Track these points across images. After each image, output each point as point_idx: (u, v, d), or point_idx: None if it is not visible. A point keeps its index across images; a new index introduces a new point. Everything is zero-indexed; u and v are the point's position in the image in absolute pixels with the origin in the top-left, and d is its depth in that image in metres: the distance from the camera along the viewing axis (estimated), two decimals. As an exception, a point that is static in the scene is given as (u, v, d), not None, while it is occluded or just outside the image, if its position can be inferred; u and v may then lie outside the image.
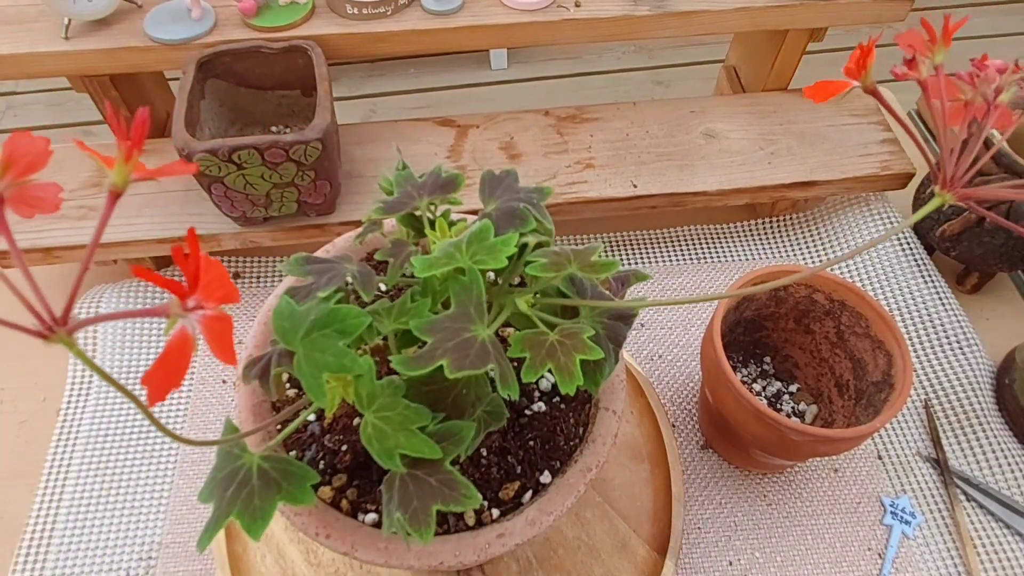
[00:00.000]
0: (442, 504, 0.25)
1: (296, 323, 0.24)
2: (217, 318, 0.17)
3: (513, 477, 0.33)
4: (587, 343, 0.25)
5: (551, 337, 0.26)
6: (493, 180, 0.31)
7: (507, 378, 0.24)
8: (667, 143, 0.63)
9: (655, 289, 0.62)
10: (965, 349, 0.57)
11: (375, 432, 0.25)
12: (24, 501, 0.50)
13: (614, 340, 0.29)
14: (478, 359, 0.24)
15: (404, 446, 0.24)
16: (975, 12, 2.10)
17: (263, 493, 0.24)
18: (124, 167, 0.18)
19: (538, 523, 0.30)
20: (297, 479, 0.25)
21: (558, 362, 0.25)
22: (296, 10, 0.56)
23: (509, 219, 0.28)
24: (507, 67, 1.93)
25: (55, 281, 0.62)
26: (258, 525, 0.23)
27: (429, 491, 0.25)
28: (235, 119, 0.59)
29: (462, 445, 0.26)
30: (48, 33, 0.55)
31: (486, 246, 0.26)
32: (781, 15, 0.59)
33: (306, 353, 0.24)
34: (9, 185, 0.18)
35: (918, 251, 0.62)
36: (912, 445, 0.54)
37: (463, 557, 0.29)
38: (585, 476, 0.32)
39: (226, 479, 0.25)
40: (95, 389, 0.55)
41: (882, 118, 0.66)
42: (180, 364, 0.17)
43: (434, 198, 0.31)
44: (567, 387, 0.24)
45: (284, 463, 0.25)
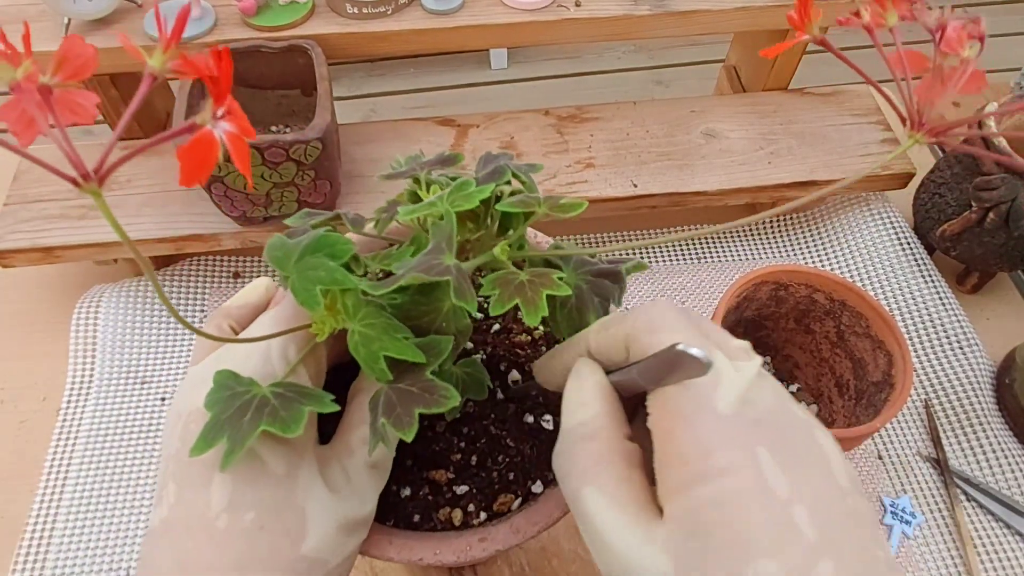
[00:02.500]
0: (424, 407, 0.25)
1: (289, 251, 0.26)
2: (240, 138, 0.19)
3: (508, 489, 0.33)
4: (555, 281, 0.26)
5: (521, 276, 0.26)
6: (489, 158, 0.33)
7: (463, 292, 0.25)
8: (667, 143, 0.63)
9: (655, 289, 0.62)
10: (965, 349, 0.57)
11: (361, 338, 0.26)
12: (24, 501, 0.50)
13: (599, 294, 0.30)
14: (439, 273, 0.25)
15: (389, 348, 0.26)
16: (975, 12, 2.10)
17: (285, 406, 0.25)
18: (163, 55, 0.19)
19: (522, 532, 0.30)
20: (315, 398, 0.26)
21: (525, 296, 0.25)
22: (296, 10, 0.56)
23: (490, 177, 0.30)
24: (507, 67, 1.93)
25: (55, 281, 0.62)
26: (291, 428, 0.25)
27: (411, 397, 0.26)
28: (235, 119, 0.59)
29: (441, 356, 0.27)
30: (48, 33, 0.55)
31: (464, 194, 0.28)
32: (781, 15, 0.59)
33: (299, 274, 0.26)
34: (58, 84, 0.19)
35: (918, 251, 0.62)
36: (912, 445, 0.54)
37: (443, 556, 0.30)
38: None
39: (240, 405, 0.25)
40: (95, 389, 0.54)
41: (882, 118, 0.66)
42: (207, 158, 0.18)
43: (434, 170, 0.33)
44: (531, 318, 0.25)
45: (296, 387, 0.26)
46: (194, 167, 0.18)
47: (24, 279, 0.62)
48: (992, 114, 0.29)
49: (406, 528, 0.32)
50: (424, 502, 0.32)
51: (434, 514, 0.32)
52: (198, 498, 0.25)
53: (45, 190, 0.57)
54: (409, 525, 0.32)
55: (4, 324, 0.60)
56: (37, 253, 0.55)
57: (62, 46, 0.19)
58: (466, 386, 0.30)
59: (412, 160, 0.34)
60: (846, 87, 0.68)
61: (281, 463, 0.26)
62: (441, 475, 0.33)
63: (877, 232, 0.63)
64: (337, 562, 0.27)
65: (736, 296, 0.47)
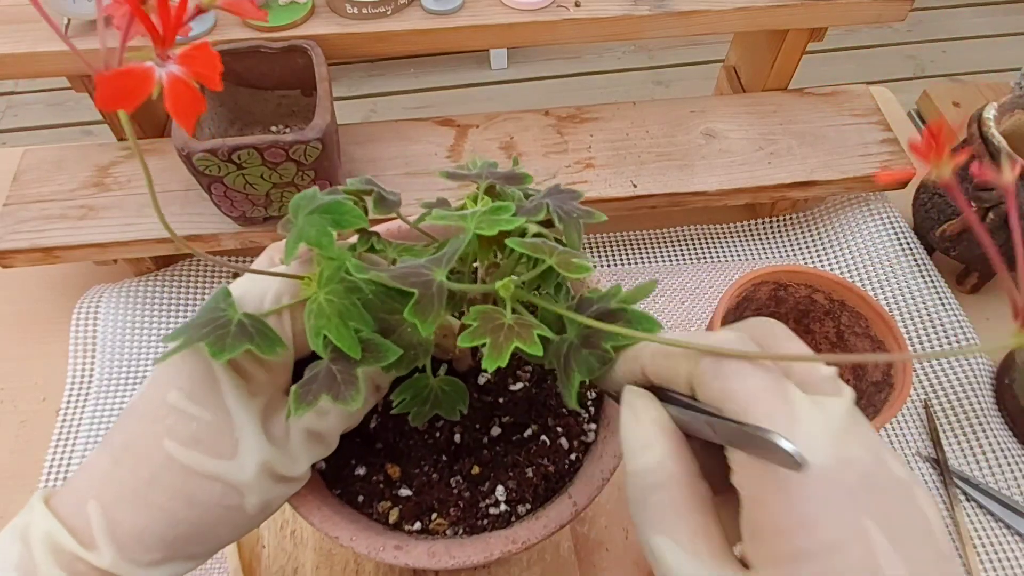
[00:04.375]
0: (330, 396, 0.26)
1: (309, 203, 0.28)
2: (186, 84, 0.19)
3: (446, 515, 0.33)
4: (532, 336, 0.25)
5: (505, 319, 0.26)
6: (553, 191, 0.32)
7: (425, 311, 0.25)
8: (667, 143, 0.63)
9: (655, 289, 0.62)
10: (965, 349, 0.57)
11: (316, 309, 0.27)
12: (24, 501, 0.50)
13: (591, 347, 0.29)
14: (414, 284, 0.25)
15: (331, 330, 0.26)
16: (975, 12, 2.10)
17: (236, 337, 0.26)
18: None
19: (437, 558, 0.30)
20: (268, 339, 0.27)
21: (496, 339, 0.25)
22: (296, 10, 0.56)
23: (530, 211, 0.29)
24: (507, 67, 1.93)
25: (55, 281, 0.62)
26: (223, 354, 0.26)
27: (330, 382, 0.26)
28: (235, 119, 0.59)
29: (381, 361, 0.27)
30: (48, 33, 0.55)
31: (491, 219, 0.27)
32: (781, 15, 0.59)
33: (300, 225, 0.27)
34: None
35: (918, 251, 0.62)
36: (912, 445, 0.54)
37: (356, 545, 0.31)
38: (506, 545, 0.31)
39: (204, 323, 0.27)
40: (95, 389, 0.54)
41: (882, 118, 0.65)
42: (136, 90, 0.18)
43: (497, 183, 0.33)
44: (488, 363, 0.25)
45: (262, 324, 0.27)
46: (116, 94, 0.18)
47: (24, 279, 0.62)
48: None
49: (349, 505, 0.32)
50: (374, 488, 0.33)
51: (376, 503, 0.32)
52: (155, 395, 0.28)
53: (45, 190, 0.57)
54: (352, 503, 0.32)
55: (4, 324, 0.60)
56: (37, 253, 0.55)
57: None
58: (437, 400, 0.30)
59: (487, 166, 0.34)
60: (846, 87, 0.68)
61: (232, 395, 0.28)
62: (395, 471, 0.33)
63: (877, 232, 0.63)
64: (255, 501, 0.28)
65: (736, 296, 0.47)
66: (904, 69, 1.94)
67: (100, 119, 0.63)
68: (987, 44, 2.01)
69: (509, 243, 0.27)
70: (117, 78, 0.18)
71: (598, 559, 0.46)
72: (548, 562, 0.44)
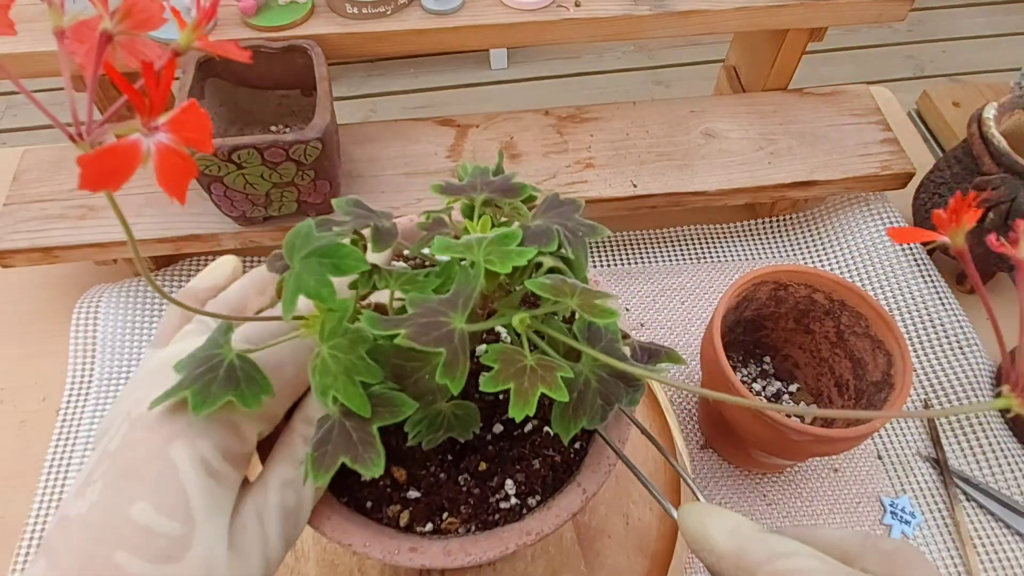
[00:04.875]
0: (350, 459, 0.25)
1: (304, 244, 0.26)
2: (176, 152, 0.18)
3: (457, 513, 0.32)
4: (557, 380, 0.25)
5: (527, 361, 0.25)
6: (554, 202, 0.31)
7: (453, 369, 0.24)
8: (667, 143, 0.63)
9: (654, 288, 0.62)
10: (965, 349, 0.57)
11: (321, 365, 0.26)
12: (24, 501, 0.50)
13: (605, 398, 0.28)
14: (436, 340, 0.24)
15: (339, 390, 0.25)
16: (975, 12, 2.10)
17: (223, 384, 0.26)
18: (190, 34, 0.20)
19: (453, 556, 0.30)
20: (255, 385, 0.26)
21: (520, 384, 0.24)
22: (296, 10, 0.56)
23: (538, 236, 0.28)
24: (507, 67, 1.93)
25: (55, 281, 0.62)
26: (205, 407, 0.25)
27: (346, 443, 0.26)
28: (235, 119, 0.59)
29: (396, 417, 0.26)
30: (48, 33, 0.54)
31: (502, 250, 0.26)
32: (781, 15, 0.59)
33: (296, 272, 0.25)
34: (123, 32, 0.20)
35: (918, 251, 0.62)
36: (912, 445, 0.54)
37: (370, 550, 0.30)
38: (520, 538, 0.30)
39: (202, 360, 0.26)
40: (95, 389, 0.55)
41: (882, 118, 0.66)
42: (121, 168, 0.17)
43: (494, 196, 0.31)
44: (516, 412, 0.24)
45: (253, 368, 0.26)
46: (101, 174, 0.17)
47: (24, 279, 0.62)
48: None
49: (358, 511, 0.32)
50: (381, 492, 0.32)
51: (385, 507, 0.32)
52: (118, 510, 0.25)
53: (45, 190, 0.57)
54: (360, 508, 0.32)
55: (4, 324, 0.60)
56: (37, 253, 0.55)
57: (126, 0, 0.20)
58: (450, 425, 0.30)
59: (479, 173, 0.32)
60: (846, 87, 0.68)
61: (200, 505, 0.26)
62: (401, 473, 0.33)
63: (877, 232, 0.63)
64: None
65: (736, 296, 0.47)
66: (904, 69, 1.94)
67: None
68: (987, 44, 2.01)
69: (530, 285, 0.26)
70: (101, 158, 0.17)
71: (600, 547, 0.46)
72: (552, 554, 0.44)
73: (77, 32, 0.20)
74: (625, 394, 0.29)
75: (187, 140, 0.18)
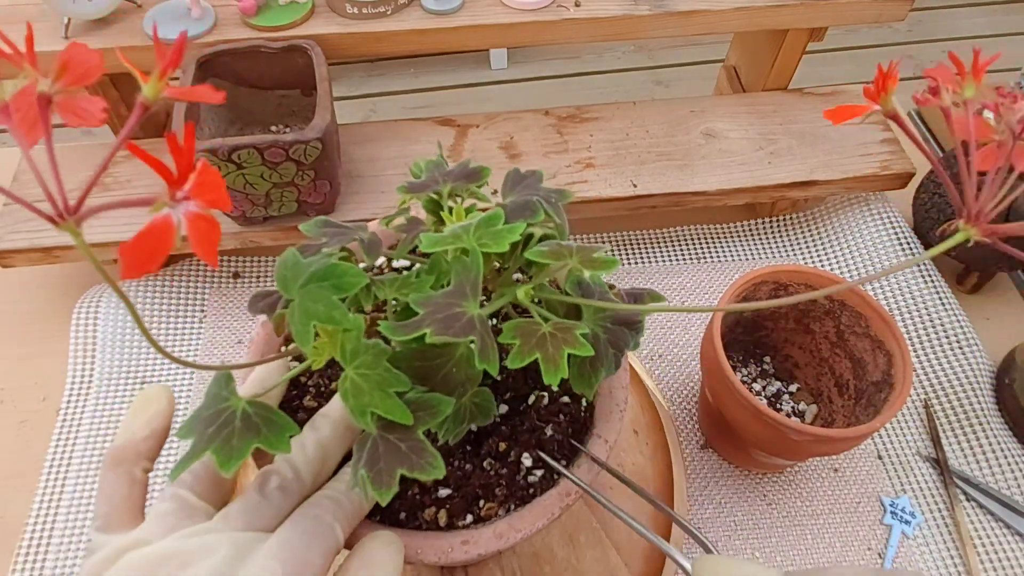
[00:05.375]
0: (407, 469, 0.25)
1: (297, 273, 0.25)
2: (204, 217, 0.18)
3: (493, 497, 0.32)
4: (578, 338, 0.25)
5: (544, 328, 0.26)
6: (517, 177, 0.32)
7: (487, 353, 0.24)
8: (667, 143, 0.63)
9: (654, 288, 0.62)
10: (965, 349, 0.57)
11: (352, 387, 0.25)
12: (24, 501, 0.50)
13: (615, 345, 0.29)
14: (462, 330, 0.24)
15: (378, 406, 0.25)
16: (975, 12, 2.10)
17: (243, 435, 0.25)
18: (157, 84, 0.19)
19: (505, 537, 0.30)
20: (277, 427, 0.25)
21: (546, 352, 0.25)
22: (296, 10, 0.56)
23: (520, 211, 0.29)
24: (507, 67, 1.93)
25: (55, 281, 0.62)
26: (232, 463, 0.24)
27: (397, 455, 0.25)
28: (235, 119, 0.59)
29: (437, 418, 0.26)
30: (48, 33, 0.55)
31: (492, 231, 0.26)
32: (781, 15, 0.59)
33: (300, 302, 0.25)
34: (60, 91, 0.19)
35: (918, 251, 0.62)
36: (912, 445, 0.54)
37: (424, 555, 0.30)
38: (562, 500, 0.31)
39: (210, 418, 0.25)
40: (95, 389, 0.54)
41: (882, 118, 0.65)
42: (159, 247, 0.17)
43: (458, 186, 0.32)
44: (551, 378, 0.24)
45: (268, 411, 0.26)
46: (142, 260, 0.17)
47: (24, 279, 0.62)
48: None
49: (391, 525, 0.31)
50: (411, 500, 0.32)
51: (420, 513, 0.32)
52: None
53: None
54: (395, 523, 0.32)
55: (4, 324, 0.60)
56: (37, 253, 0.55)
57: (65, 52, 0.19)
58: (472, 415, 0.30)
59: (433, 167, 0.33)
60: (846, 87, 0.68)
61: None
62: None
63: (877, 232, 0.63)
64: None
65: (736, 296, 0.47)
66: (904, 69, 1.94)
67: (100, 119, 0.63)
68: (987, 44, 2.01)
69: (529, 255, 0.26)
70: (139, 243, 0.17)
71: (607, 500, 0.47)
72: (564, 521, 0.45)
73: (17, 102, 0.19)
74: (631, 338, 0.29)
75: (210, 203, 0.18)
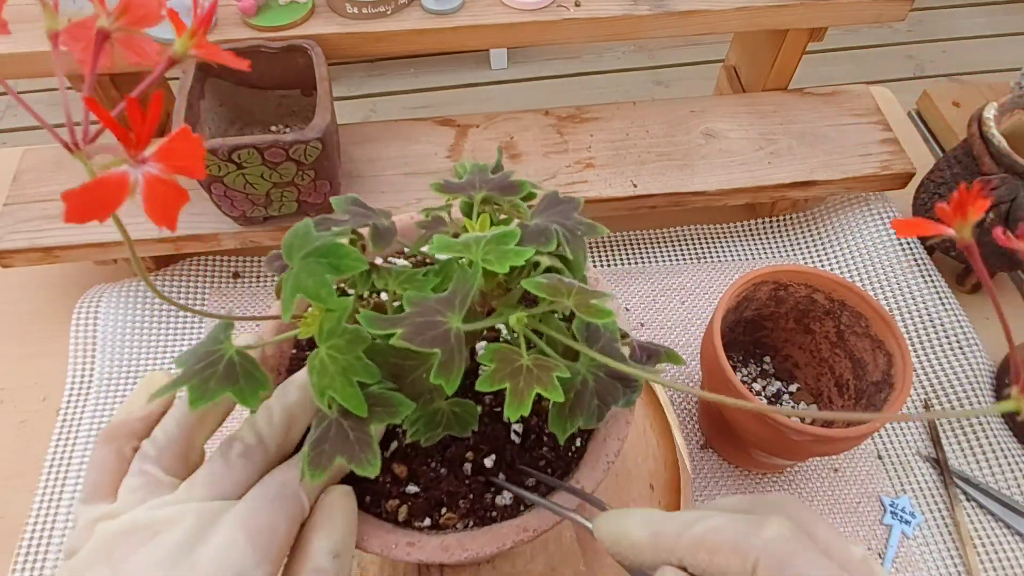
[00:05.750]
0: (346, 459, 0.25)
1: (304, 244, 0.26)
2: (163, 181, 0.18)
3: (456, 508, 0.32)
4: (553, 381, 0.25)
5: (524, 360, 0.25)
6: (553, 200, 0.31)
7: (448, 369, 0.24)
8: (667, 143, 0.63)
9: (654, 288, 0.62)
10: (965, 349, 0.57)
11: (319, 366, 0.25)
12: (24, 501, 0.50)
13: (602, 397, 0.28)
14: (432, 340, 0.24)
15: (337, 390, 0.25)
16: (975, 12, 2.10)
17: (221, 380, 0.26)
18: (188, 41, 0.20)
19: (450, 552, 0.30)
20: (253, 381, 0.26)
21: (516, 384, 0.24)
22: (296, 10, 0.56)
23: (537, 235, 0.28)
24: (507, 67, 1.93)
25: (55, 281, 0.62)
26: (201, 402, 0.25)
27: (343, 443, 0.25)
28: (235, 119, 0.59)
29: (394, 417, 0.26)
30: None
31: (501, 249, 0.26)
32: (781, 15, 0.59)
33: (295, 272, 0.25)
34: (120, 28, 0.20)
35: (918, 251, 0.62)
36: (912, 445, 0.54)
37: (368, 544, 0.30)
38: (518, 534, 0.30)
39: (201, 355, 0.26)
40: (95, 389, 0.55)
41: (882, 118, 0.66)
42: (108, 200, 0.17)
43: (493, 195, 0.31)
44: (511, 411, 0.24)
45: (251, 365, 0.26)
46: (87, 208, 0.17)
47: (24, 279, 0.62)
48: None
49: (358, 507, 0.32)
50: (380, 487, 0.32)
51: (383, 502, 0.32)
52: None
53: (45, 190, 0.57)
54: (360, 504, 0.32)
55: (4, 324, 0.60)
56: (37, 253, 0.55)
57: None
58: (449, 423, 0.30)
59: (477, 171, 0.32)
60: (846, 87, 0.68)
61: None
62: (402, 469, 0.33)
63: (877, 232, 0.63)
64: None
65: (736, 296, 0.47)
66: (904, 69, 1.94)
67: (100, 119, 0.63)
68: (987, 44, 2.01)
69: (526, 285, 0.26)
70: (86, 192, 0.17)
71: (600, 546, 0.47)
72: (551, 552, 0.44)
73: (73, 32, 0.20)
74: (623, 394, 0.28)
75: (177, 169, 0.18)
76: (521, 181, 0.32)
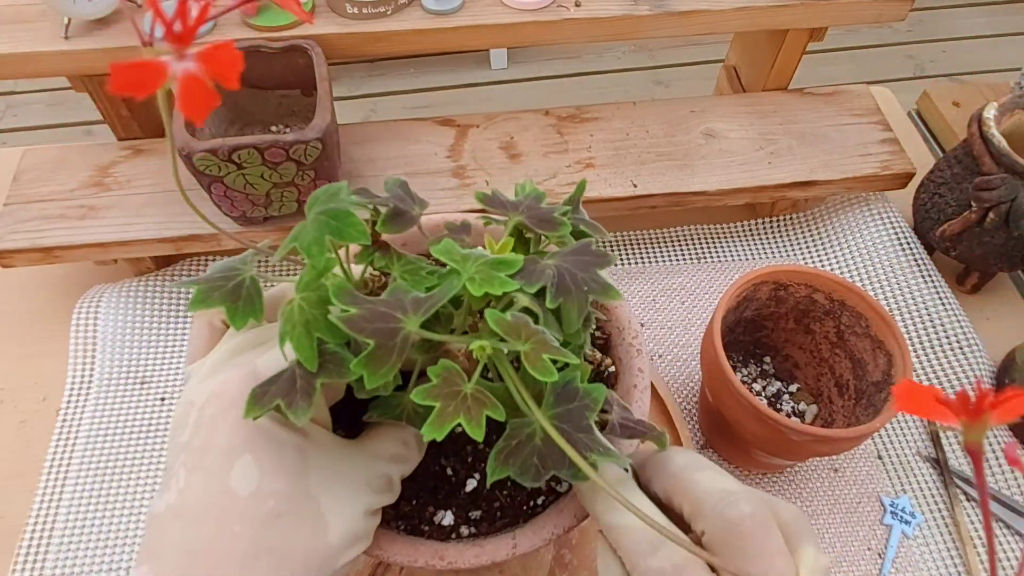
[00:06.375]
0: (283, 403, 0.25)
1: (325, 201, 0.27)
2: (199, 81, 0.19)
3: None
4: (480, 419, 0.24)
5: (465, 387, 0.25)
6: (582, 248, 0.29)
7: (375, 364, 0.24)
8: (667, 143, 0.63)
9: (654, 288, 0.62)
10: (965, 349, 0.57)
11: (288, 312, 0.26)
12: (24, 501, 0.50)
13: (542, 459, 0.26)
14: (373, 332, 0.24)
15: (292, 340, 0.25)
16: (975, 12, 2.10)
17: (223, 294, 0.28)
18: None
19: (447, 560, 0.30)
20: (249, 307, 0.28)
21: (445, 406, 0.24)
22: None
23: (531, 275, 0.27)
24: (507, 67, 1.93)
25: (55, 281, 0.62)
26: (199, 306, 0.27)
27: (288, 389, 0.26)
28: (235, 119, 0.59)
29: (343, 376, 0.26)
30: (48, 33, 0.55)
31: (490, 273, 0.26)
32: (781, 15, 0.59)
33: (304, 224, 0.27)
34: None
35: (918, 251, 0.62)
36: (912, 445, 0.54)
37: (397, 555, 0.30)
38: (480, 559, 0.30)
39: (225, 268, 0.28)
40: (95, 389, 0.55)
41: (882, 118, 0.65)
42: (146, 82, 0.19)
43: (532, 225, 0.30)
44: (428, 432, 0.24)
45: (258, 294, 0.28)
46: (127, 83, 0.18)
47: (24, 279, 0.62)
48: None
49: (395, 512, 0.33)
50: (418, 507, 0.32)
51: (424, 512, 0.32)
52: (213, 483, 0.25)
53: (45, 190, 0.57)
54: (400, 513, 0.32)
55: (4, 324, 0.60)
56: (37, 253, 0.55)
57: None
58: (412, 420, 0.30)
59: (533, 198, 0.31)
60: (846, 87, 0.68)
61: (297, 455, 0.26)
62: None
63: (877, 232, 0.63)
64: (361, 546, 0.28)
65: (736, 296, 0.47)
66: (904, 69, 1.94)
67: (100, 119, 0.63)
68: (987, 44, 2.01)
69: (487, 315, 0.25)
70: (131, 68, 0.18)
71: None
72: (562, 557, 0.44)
73: None
74: (568, 467, 0.25)
75: (214, 73, 0.19)
76: (562, 221, 0.30)
